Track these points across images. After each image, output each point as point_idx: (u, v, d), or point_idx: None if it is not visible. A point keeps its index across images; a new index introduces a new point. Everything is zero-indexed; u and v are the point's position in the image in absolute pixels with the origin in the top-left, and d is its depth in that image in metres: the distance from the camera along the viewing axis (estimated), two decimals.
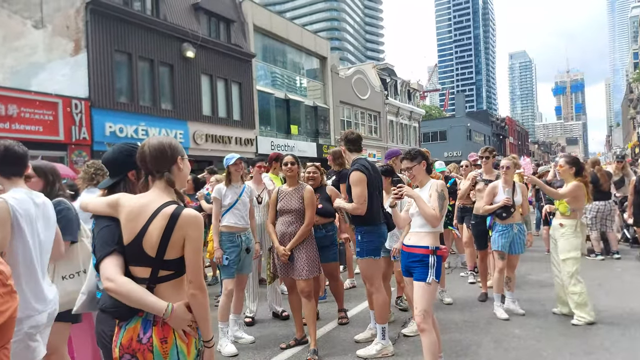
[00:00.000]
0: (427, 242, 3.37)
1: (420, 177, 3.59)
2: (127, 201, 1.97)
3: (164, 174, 1.97)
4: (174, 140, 2.07)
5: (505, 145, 69.15)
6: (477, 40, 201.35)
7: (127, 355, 1.86)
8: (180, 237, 1.86)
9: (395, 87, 38.97)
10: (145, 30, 16.16)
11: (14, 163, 2.53)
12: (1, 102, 12.13)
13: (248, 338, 4.53)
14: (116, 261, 1.90)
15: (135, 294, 1.82)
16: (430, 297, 3.32)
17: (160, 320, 1.84)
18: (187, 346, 1.87)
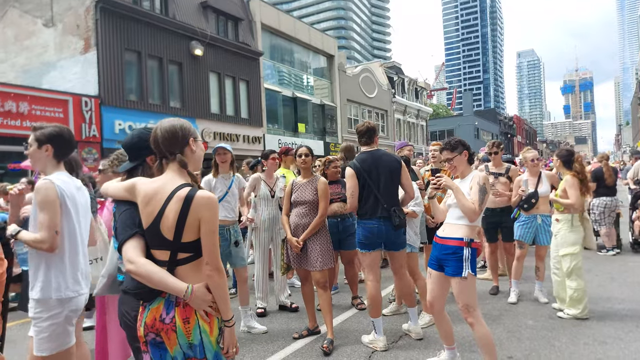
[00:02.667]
0: (462, 234, 3.23)
1: (461, 168, 3.41)
2: (142, 185, 1.99)
3: (176, 156, 1.97)
4: (186, 122, 2.06)
5: (514, 144, 68.78)
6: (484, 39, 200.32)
7: (151, 334, 1.90)
8: (196, 219, 1.87)
9: (402, 86, 38.90)
10: (154, 28, 16.26)
11: (67, 147, 2.60)
12: (13, 99, 12.26)
13: (261, 328, 4.57)
14: (137, 244, 1.93)
15: (155, 276, 1.85)
16: (469, 290, 3.20)
17: (182, 301, 1.87)
18: (210, 325, 1.90)
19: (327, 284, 4.19)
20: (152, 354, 1.93)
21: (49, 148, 2.51)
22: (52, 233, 2.34)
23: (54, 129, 2.54)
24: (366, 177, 3.94)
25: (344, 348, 4.06)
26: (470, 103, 60.96)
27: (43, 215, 2.34)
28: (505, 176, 5.56)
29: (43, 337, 2.37)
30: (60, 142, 2.55)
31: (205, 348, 1.89)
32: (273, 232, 5.13)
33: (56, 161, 2.55)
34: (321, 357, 3.87)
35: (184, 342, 1.86)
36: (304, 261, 4.21)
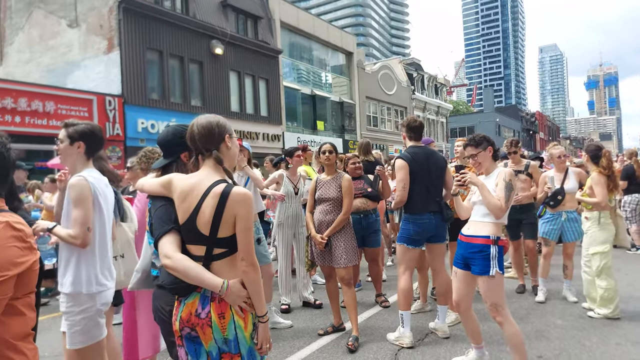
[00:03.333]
0: (488, 231, 3.17)
1: (485, 165, 3.34)
2: (179, 181, 2.01)
3: (212, 153, 1.98)
4: (222, 118, 2.07)
5: (536, 140, 67.58)
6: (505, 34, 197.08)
7: (186, 329, 1.91)
8: (231, 215, 1.88)
9: (422, 82, 38.56)
10: (176, 28, 16.43)
11: (98, 145, 2.65)
12: (39, 99, 12.54)
13: (286, 323, 4.60)
14: (173, 239, 1.95)
15: (192, 271, 1.86)
16: (497, 289, 3.15)
17: (217, 296, 1.87)
18: (244, 321, 1.90)
19: (352, 281, 4.18)
20: (187, 348, 1.95)
21: (80, 145, 2.54)
22: (85, 229, 2.38)
23: (86, 127, 2.58)
24: (418, 170, 3.94)
25: (370, 345, 4.04)
26: (491, 99, 60.07)
27: (77, 212, 2.38)
28: (524, 173, 5.46)
29: (75, 331, 2.42)
30: (92, 139, 2.58)
31: (240, 343, 1.89)
32: (296, 229, 5.14)
33: (86, 158, 2.59)
34: (347, 354, 3.86)
35: (219, 337, 1.87)
36: (328, 258, 4.21)
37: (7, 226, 1.35)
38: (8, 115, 11.77)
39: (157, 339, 3.28)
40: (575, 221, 5.06)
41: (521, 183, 5.41)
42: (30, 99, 12.29)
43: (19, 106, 12.01)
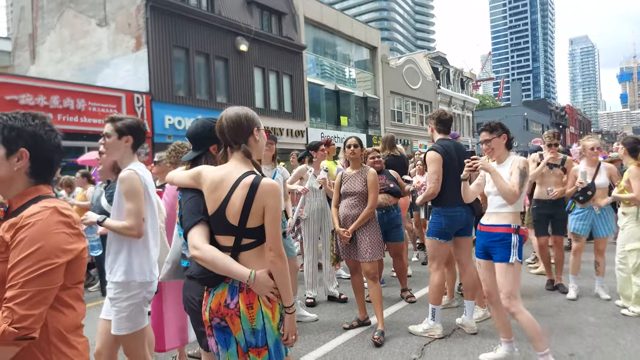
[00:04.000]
0: (509, 220, 3.19)
1: (498, 152, 3.33)
2: (208, 173, 2.03)
3: (240, 146, 2.00)
4: (250, 111, 2.08)
5: (566, 135, 65.80)
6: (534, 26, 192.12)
7: (216, 319, 1.94)
8: (260, 206, 1.90)
9: (447, 76, 37.98)
10: (201, 25, 16.62)
11: (142, 138, 2.69)
12: (71, 97, 12.89)
13: (311, 316, 4.63)
14: (202, 230, 1.97)
15: (219, 261, 1.88)
16: (514, 278, 3.14)
17: (245, 287, 1.90)
18: (272, 312, 1.92)
19: (377, 275, 4.16)
20: (217, 337, 1.98)
21: (129, 139, 2.59)
22: (140, 220, 2.44)
23: (133, 121, 2.63)
24: (450, 163, 3.92)
25: (396, 339, 4.02)
26: (519, 93, 58.71)
27: (131, 204, 2.44)
28: (560, 167, 5.30)
29: (122, 317, 2.48)
30: (138, 133, 2.64)
31: (267, 334, 1.91)
32: (322, 223, 5.14)
33: (132, 151, 2.63)
34: (372, 348, 3.85)
35: (247, 327, 1.89)
36: (353, 252, 4.20)
37: (55, 211, 1.34)
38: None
39: (185, 331, 3.34)
40: (605, 216, 4.90)
41: (556, 177, 5.27)
42: (62, 97, 12.66)
43: (52, 104, 12.37)
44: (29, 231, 1.28)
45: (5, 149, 1.40)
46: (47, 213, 1.32)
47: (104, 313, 2.63)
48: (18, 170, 1.41)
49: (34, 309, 1.23)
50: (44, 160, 1.47)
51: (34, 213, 1.31)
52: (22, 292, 1.22)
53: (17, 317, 1.20)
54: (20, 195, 1.42)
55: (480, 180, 3.49)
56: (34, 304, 1.23)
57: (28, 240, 1.27)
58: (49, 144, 1.47)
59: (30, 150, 1.42)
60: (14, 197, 1.42)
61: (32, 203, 1.38)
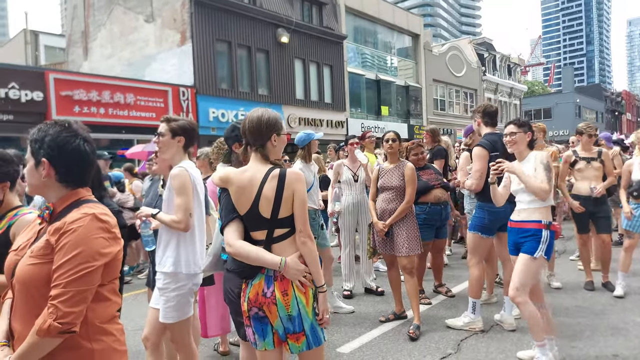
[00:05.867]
0: (539, 216, 3.22)
1: (520, 147, 3.37)
2: (235, 176, 2.17)
3: (258, 149, 2.16)
4: (274, 116, 2.20)
5: (622, 122, 62.35)
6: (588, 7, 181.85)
7: (254, 309, 2.09)
8: (290, 193, 2.08)
9: (493, 63, 36.74)
10: (243, 18, 16.86)
11: (194, 139, 2.85)
12: (121, 92, 13.45)
13: (348, 308, 4.70)
14: (236, 227, 2.14)
15: (252, 254, 2.06)
16: (530, 273, 3.17)
17: (279, 275, 2.05)
18: (305, 296, 2.07)
19: (414, 270, 4.18)
20: (255, 327, 2.12)
21: (181, 139, 2.75)
22: (187, 215, 2.59)
23: (186, 123, 2.80)
24: (496, 158, 3.87)
25: (432, 334, 4.03)
26: (571, 79, 55.87)
27: (180, 199, 2.59)
28: (598, 160, 5.08)
29: (169, 306, 2.64)
30: (191, 134, 2.80)
31: (303, 319, 2.05)
32: (359, 216, 5.18)
33: (184, 151, 2.80)
34: (408, 341, 3.89)
35: (283, 314, 2.04)
36: (390, 246, 4.23)
37: (94, 218, 1.48)
38: (94, 107, 12.75)
39: (227, 320, 3.49)
40: None
41: (594, 171, 5.06)
42: (112, 92, 13.22)
43: (103, 99, 12.96)
44: (71, 236, 1.42)
45: (34, 159, 1.53)
46: (87, 220, 1.46)
47: (153, 302, 2.80)
48: (48, 178, 1.52)
49: (75, 306, 1.39)
50: (69, 166, 1.54)
51: (75, 219, 1.45)
52: (65, 291, 1.38)
53: (61, 313, 1.36)
54: (61, 200, 1.55)
55: (507, 182, 3.47)
56: (75, 302, 1.39)
57: (70, 244, 1.41)
58: (70, 150, 1.53)
59: (50, 159, 1.51)
60: (56, 202, 1.56)
61: (74, 207, 1.52)
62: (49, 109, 11.88)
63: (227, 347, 3.82)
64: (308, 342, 2.08)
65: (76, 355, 1.46)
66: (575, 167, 5.19)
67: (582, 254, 5.40)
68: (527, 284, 3.17)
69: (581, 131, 5.17)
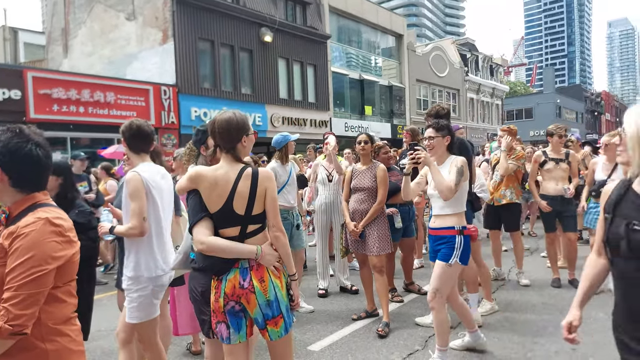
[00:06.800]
0: (452, 222, 3.24)
1: (439, 152, 3.37)
2: (207, 174, 2.24)
3: (229, 150, 2.26)
4: (241, 118, 2.30)
5: (601, 122, 63.56)
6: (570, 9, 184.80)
7: (231, 302, 2.18)
8: (263, 191, 2.21)
9: (476, 63, 37.19)
10: (226, 17, 16.82)
11: (143, 139, 2.87)
12: (101, 90, 13.32)
13: (308, 308, 4.79)
14: (205, 226, 2.21)
15: (226, 247, 2.16)
16: (449, 279, 3.23)
17: (254, 265, 2.17)
18: (280, 280, 2.22)
19: (384, 269, 4.28)
20: (230, 322, 2.21)
21: (124, 143, 2.81)
22: (141, 220, 2.63)
23: (132, 125, 2.82)
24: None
25: (401, 331, 4.14)
26: (552, 79, 56.79)
27: (133, 205, 2.64)
28: (565, 162, 5.26)
29: (133, 307, 2.70)
30: (137, 137, 2.83)
31: (280, 302, 2.19)
32: (332, 216, 5.27)
33: (136, 153, 2.84)
34: (377, 339, 3.98)
35: (262, 300, 2.15)
36: (361, 246, 4.32)
37: (47, 222, 1.52)
38: (73, 106, 12.62)
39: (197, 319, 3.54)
40: None
41: (562, 172, 5.23)
42: (92, 90, 13.09)
43: (83, 97, 12.83)
44: (23, 240, 1.47)
45: None
46: (39, 224, 1.50)
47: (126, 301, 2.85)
48: (2, 184, 1.56)
49: (27, 309, 1.43)
50: (22, 171, 1.58)
51: (28, 224, 1.50)
52: (17, 294, 1.42)
53: (12, 315, 1.40)
54: (16, 204, 1.60)
55: (421, 179, 3.49)
56: (27, 305, 1.43)
57: (22, 248, 1.46)
58: (22, 155, 1.56)
59: (2, 165, 1.54)
60: (12, 206, 1.60)
61: (29, 211, 1.56)
62: (27, 107, 11.73)
63: (200, 347, 3.86)
64: (285, 325, 2.21)
65: (31, 355, 1.50)
66: (544, 167, 5.35)
67: (549, 252, 5.56)
68: (443, 290, 3.21)
69: (551, 132, 5.34)
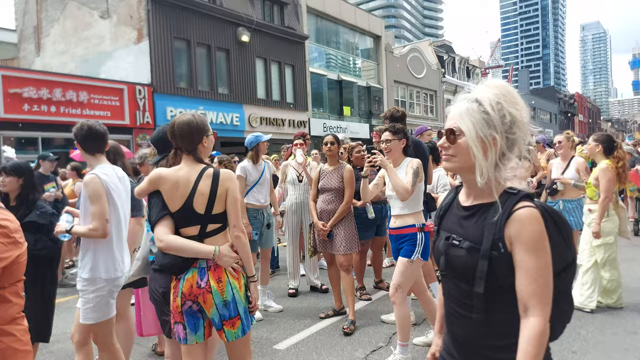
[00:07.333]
0: (412, 220, 3.37)
1: (395, 155, 3.48)
2: (168, 174, 2.27)
3: (190, 152, 2.30)
4: (201, 120, 2.33)
5: (574, 123, 65.16)
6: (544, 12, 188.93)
7: (188, 302, 2.20)
8: (223, 191, 2.24)
9: (453, 65, 37.77)
10: (203, 16, 16.71)
11: (96, 140, 2.84)
12: (74, 89, 13.09)
13: (276, 307, 4.83)
14: (166, 224, 2.24)
15: (185, 246, 2.19)
16: (410, 274, 3.34)
17: (213, 265, 2.19)
18: (238, 282, 2.24)
19: (350, 268, 4.36)
20: (187, 322, 2.22)
21: (79, 147, 2.80)
22: (103, 221, 2.63)
23: (81, 128, 2.79)
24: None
25: (367, 329, 4.22)
26: (527, 81, 58.14)
27: (94, 207, 2.63)
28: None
29: (88, 308, 2.70)
30: (89, 138, 2.80)
31: (237, 303, 2.20)
32: (302, 216, 5.33)
33: (90, 155, 2.82)
34: (343, 336, 4.05)
35: (219, 300, 2.17)
36: (329, 245, 4.39)
37: None
38: (44, 105, 12.37)
39: None
40: (573, 211, 5.04)
41: (525, 171, 5.41)
42: (64, 90, 12.86)
43: (54, 96, 12.59)
44: None
45: None
46: None
47: (78, 302, 2.85)
48: None
49: None
50: None
51: None
52: None
53: None
54: None
55: (379, 181, 3.59)
56: None
57: None
58: None
59: None
60: None
61: None
62: None
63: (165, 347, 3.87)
64: (243, 327, 2.23)
65: None
66: None
67: None
68: (404, 285, 3.33)
69: None
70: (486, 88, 1.30)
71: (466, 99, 1.30)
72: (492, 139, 1.25)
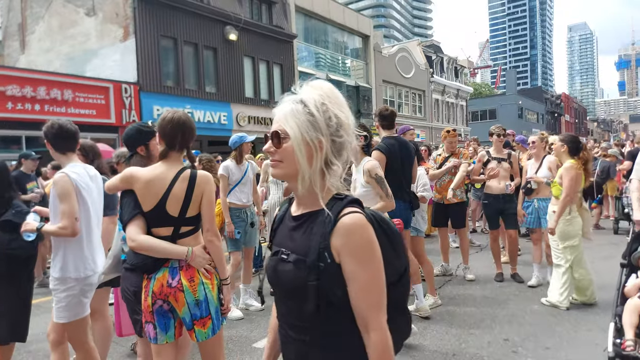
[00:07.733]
0: None
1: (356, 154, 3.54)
2: (143, 174, 2.27)
3: (184, 150, 2.33)
4: (188, 120, 2.35)
5: (561, 123, 65.95)
6: (532, 13, 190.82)
7: (159, 301, 2.20)
8: (199, 194, 2.24)
9: (441, 65, 37.99)
10: (190, 14, 16.63)
11: (67, 139, 2.83)
12: (58, 87, 12.95)
13: (257, 305, 4.85)
14: (138, 223, 2.23)
15: (157, 246, 2.18)
16: None
17: (185, 265, 2.19)
18: (211, 282, 2.24)
19: None
20: (157, 321, 2.21)
21: (49, 145, 2.79)
22: (73, 220, 2.62)
23: (51, 126, 2.77)
24: (393, 161, 4.07)
25: None
26: (514, 81, 58.66)
27: (63, 206, 2.62)
28: (507, 161, 5.57)
29: (60, 307, 2.70)
30: (57, 137, 2.78)
31: (209, 303, 2.21)
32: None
33: (61, 154, 2.80)
34: None
35: (191, 299, 2.16)
36: None
37: None
38: (28, 104, 12.22)
39: None
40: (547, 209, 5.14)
41: (504, 171, 5.49)
42: (49, 88, 12.71)
43: (39, 95, 12.44)
44: None
45: None
46: None
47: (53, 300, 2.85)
48: None
49: None
50: None
51: None
52: None
53: None
54: None
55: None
56: None
57: None
58: None
59: None
60: None
61: None
62: None
63: None
64: (213, 327, 2.22)
65: None
66: (488, 166, 5.60)
67: (493, 249, 5.80)
68: None
69: (491, 132, 5.62)
70: (310, 89, 1.21)
71: (291, 100, 1.20)
72: (318, 142, 1.15)
